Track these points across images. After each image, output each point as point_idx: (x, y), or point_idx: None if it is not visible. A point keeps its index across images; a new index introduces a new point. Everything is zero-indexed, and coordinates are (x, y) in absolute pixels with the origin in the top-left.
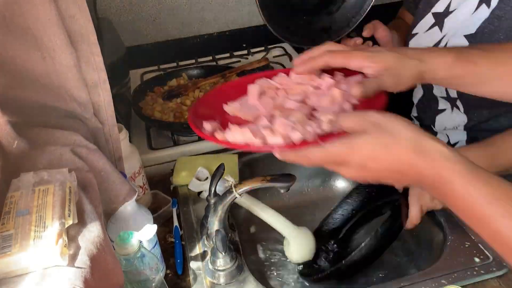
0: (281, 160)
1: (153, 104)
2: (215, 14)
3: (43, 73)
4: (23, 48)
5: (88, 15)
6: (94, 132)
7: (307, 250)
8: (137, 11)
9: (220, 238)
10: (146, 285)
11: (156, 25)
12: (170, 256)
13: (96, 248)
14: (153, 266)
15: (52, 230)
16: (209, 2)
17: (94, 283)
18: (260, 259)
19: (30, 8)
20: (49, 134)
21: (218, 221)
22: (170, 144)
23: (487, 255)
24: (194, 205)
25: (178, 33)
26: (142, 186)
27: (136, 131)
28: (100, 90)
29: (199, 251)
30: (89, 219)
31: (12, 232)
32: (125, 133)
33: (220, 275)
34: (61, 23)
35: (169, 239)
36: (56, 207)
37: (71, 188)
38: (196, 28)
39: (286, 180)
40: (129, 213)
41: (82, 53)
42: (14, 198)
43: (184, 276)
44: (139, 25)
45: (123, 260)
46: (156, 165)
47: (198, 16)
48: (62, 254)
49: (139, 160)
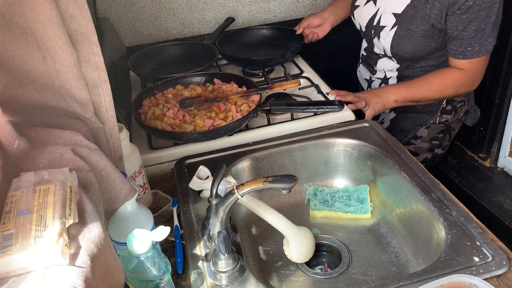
0: (281, 160)
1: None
2: (215, 14)
3: (43, 73)
4: (23, 48)
5: (88, 15)
6: (94, 132)
7: (307, 249)
8: (137, 11)
9: (222, 239)
10: (155, 285)
11: (156, 25)
12: (171, 255)
13: (97, 247)
14: (163, 266)
15: (53, 230)
16: (209, 2)
17: (95, 282)
18: (261, 260)
19: (30, 8)
20: (49, 133)
21: (220, 223)
22: (170, 144)
23: (487, 254)
24: (195, 205)
25: (178, 33)
26: (143, 185)
27: (137, 130)
28: (101, 90)
29: (200, 250)
30: (90, 219)
31: (13, 231)
32: (126, 132)
33: (222, 277)
34: (61, 23)
35: (170, 239)
36: (57, 207)
37: (71, 187)
38: (196, 28)
39: (288, 181)
40: (129, 213)
41: (82, 53)
42: (14, 197)
43: (184, 275)
44: (139, 25)
45: (134, 259)
46: (157, 164)
47: (198, 16)
48: (62, 254)
49: (140, 160)
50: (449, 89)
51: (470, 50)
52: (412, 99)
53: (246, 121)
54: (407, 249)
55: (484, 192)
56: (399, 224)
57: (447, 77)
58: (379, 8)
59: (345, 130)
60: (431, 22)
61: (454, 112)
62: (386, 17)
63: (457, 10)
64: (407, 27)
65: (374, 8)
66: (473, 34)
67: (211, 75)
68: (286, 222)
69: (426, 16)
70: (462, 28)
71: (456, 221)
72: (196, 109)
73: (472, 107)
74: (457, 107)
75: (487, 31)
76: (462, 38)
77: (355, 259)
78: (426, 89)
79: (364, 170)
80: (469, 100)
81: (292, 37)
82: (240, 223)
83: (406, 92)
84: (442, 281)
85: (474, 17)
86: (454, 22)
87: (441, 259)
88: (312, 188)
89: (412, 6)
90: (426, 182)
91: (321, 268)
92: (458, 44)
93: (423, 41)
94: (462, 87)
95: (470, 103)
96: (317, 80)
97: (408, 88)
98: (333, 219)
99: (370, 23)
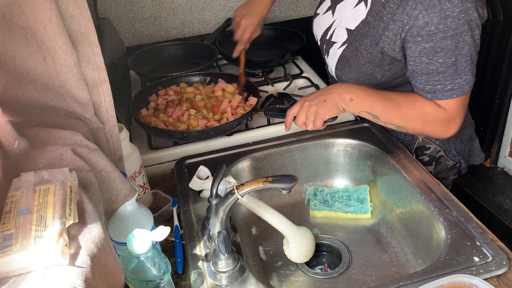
0: (281, 160)
1: (154, 110)
2: (215, 14)
3: (43, 73)
4: (23, 48)
5: (88, 15)
6: (94, 132)
7: (307, 249)
8: (137, 11)
9: (222, 239)
10: (155, 285)
11: (156, 25)
12: (171, 255)
13: (97, 247)
14: (163, 266)
15: (53, 230)
16: (209, 2)
17: (95, 283)
18: (261, 260)
19: (30, 8)
20: (49, 133)
21: (220, 223)
22: (170, 144)
23: (487, 254)
24: (195, 204)
25: (178, 33)
26: (143, 185)
27: (137, 130)
28: (101, 90)
29: (200, 250)
30: (90, 219)
31: (13, 231)
32: (126, 132)
33: (222, 277)
34: (61, 23)
35: (170, 239)
36: (57, 207)
37: (71, 187)
38: (196, 28)
39: (288, 181)
40: (129, 213)
41: (82, 53)
42: (14, 197)
43: (184, 275)
44: (139, 25)
45: (134, 259)
46: (157, 164)
47: (198, 16)
48: (62, 254)
49: (140, 160)
50: (415, 119)
51: (441, 89)
52: (370, 109)
53: (238, 124)
54: (407, 249)
55: (484, 192)
56: (399, 224)
57: (418, 103)
58: (335, 20)
59: (345, 130)
60: (381, 46)
61: (436, 163)
62: (339, 32)
63: (417, 36)
64: (356, 47)
65: (331, 19)
66: (442, 69)
67: (216, 75)
68: (286, 222)
69: (376, 36)
70: (427, 61)
71: (456, 221)
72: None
73: (454, 157)
74: (436, 157)
75: (460, 66)
76: (428, 73)
77: (355, 259)
78: (390, 106)
79: (364, 170)
80: (450, 149)
81: (292, 37)
82: (240, 223)
83: (366, 96)
84: (442, 281)
85: (440, 46)
86: (416, 51)
87: (441, 259)
88: (312, 188)
89: (366, 22)
90: (426, 182)
91: (321, 268)
92: (425, 80)
93: (368, 68)
94: (432, 123)
95: (451, 152)
96: (317, 80)
97: (369, 93)
98: (333, 219)
99: (324, 37)
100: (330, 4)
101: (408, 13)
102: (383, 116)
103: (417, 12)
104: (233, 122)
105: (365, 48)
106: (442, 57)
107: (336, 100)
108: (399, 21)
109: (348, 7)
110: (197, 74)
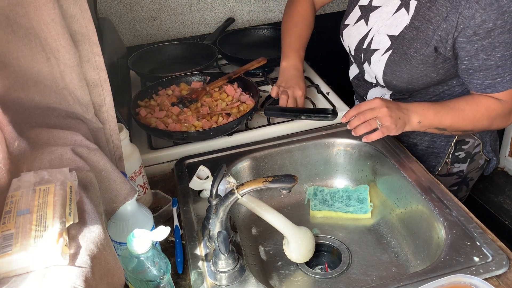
0: (281, 160)
1: (154, 109)
2: (215, 14)
3: (48, 74)
4: (27, 49)
5: (89, 15)
6: (94, 132)
7: (307, 249)
8: (137, 11)
9: (222, 239)
10: (155, 285)
11: (156, 25)
12: (171, 255)
13: (97, 247)
14: (163, 266)
15: (53, 230)
16: (209, 2)
17: (95, 283)
18: (261, 260)
19: (33, 8)
20: (49, 134)
21: (220, 223)
22: (170, 144)
23: (487, 254)
24: (195, 204)
25: (178, 33)
26: (143, 185)
27: (137, 130)
28: (101, 90)
29: (200, 250)
30: (90, 219)
31: (13, 231)
32: (126, 133)
33: (222, 277)
34: (64, 23)
35: (170, 239)
36: (57, 207)
37: (71, 187)
38: (196, 28)
39: (288, 181)
40: (129, 213)
41: (83, 53)
42: (14, 197)
43: (184, 275)
44: (139, 25)
45: (134, 259)
46: (157, 164)
47: (198, 16)
48: (63, 254)
49: (140, 160)
50: (483, 119)
51: (500, 81)
52: (438, 125)
53: (238, 124)
54: (407, 249)
55: (484, 192)
56: (399, 224)
57: (481, 103)
58: (372, 28)
59: (345, 130)
60: (434, 45)
61: (470, 160)
62: (379, 39)
63: (473, 35)
64: (404, 51)
65: (366, 28)
66: (501, 62)
67: (217, 75)
68: (286, 222)
69: (428, 38)
70: (485, 57)
71: (456, 221)
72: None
73: (488, 154)
74: (472, 154)
75: None
76: (487, 68)
77: (355, 259)
78: (457, 115)
79: (364, 170)
80: (485, 144)
81: None
82: (240, 223)
83: (434, 114)
84: (442, 281)
85: (498, 41)
86: (472, 50)
87: (441, 259)
88: (312, 188)
89: (413, 27)
90: (426, 182)
91: (321, 268)
92: (483, 76)
93: (422, 68)
94: (497, 118)
95: (487, 148)
96: (317, 80)
97: (436, 110)
98: (333, 219)
99: (359, 46)
100: (361, 14)
101: (462, 12)
102: (451, 127)
103: (473, 12)
104: (233, 122)
105: (415, 51)
106: (500, 51)
107: (406, 123)
108: (451, 20)
109: (385, 15)
110: (197, 74)
